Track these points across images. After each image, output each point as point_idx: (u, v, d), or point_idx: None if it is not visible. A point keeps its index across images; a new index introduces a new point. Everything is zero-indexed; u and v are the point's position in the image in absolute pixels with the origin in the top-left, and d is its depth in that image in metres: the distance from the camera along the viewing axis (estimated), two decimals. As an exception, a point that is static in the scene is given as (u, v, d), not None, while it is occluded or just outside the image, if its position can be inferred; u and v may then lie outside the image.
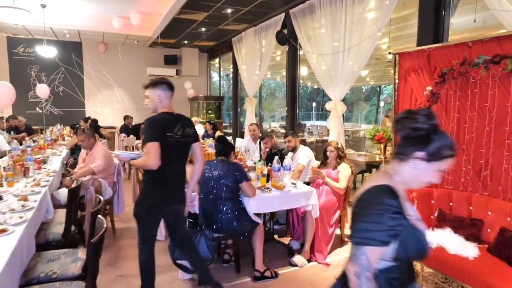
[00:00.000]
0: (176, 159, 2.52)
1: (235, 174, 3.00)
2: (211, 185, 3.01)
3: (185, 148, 2.57)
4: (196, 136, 2.64)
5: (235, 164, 3.09)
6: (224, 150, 3.15)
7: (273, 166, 3.45)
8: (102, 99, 10.65)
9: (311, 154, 4.22)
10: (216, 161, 3.12)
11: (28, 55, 9.66)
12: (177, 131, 2.47)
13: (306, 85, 18.22)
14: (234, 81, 9.39)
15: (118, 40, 9.93)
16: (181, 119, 2.59)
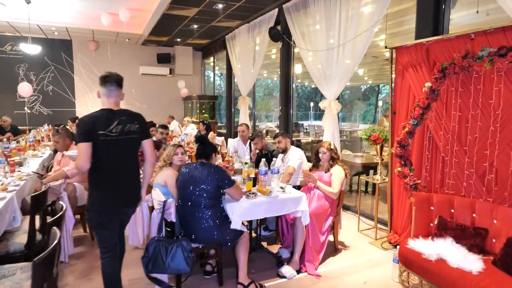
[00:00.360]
0: (117, 159, 2.32)
1: (217, 179, 2.74)
2: (190, 191, 2.75)
3: (128, 147, 2.36)
4: (144, 132, 2.44)
5: (217, 167, 2.83)
6: (204, 152, 2.89)
7: (260, 169, 3.19)
8: (93, 99, 10.35)
9: (302, 155, 3.96)
10: (195, 164, 2.86)
11: (16, 54, 9.39)
12: (113, 129, 2.28)
13: (304, 85, 17.99)
14: (228, 80, 9.13)
15: (109, 38, 9.67)
16: (123, 115, 2.39)
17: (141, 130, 2.41)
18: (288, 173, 3.78)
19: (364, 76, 12.04)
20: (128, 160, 2.41)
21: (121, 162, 2.35)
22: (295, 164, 3.80)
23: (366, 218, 4.62)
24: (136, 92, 10.80)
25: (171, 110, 10.93)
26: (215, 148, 2.99)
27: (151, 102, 10.97)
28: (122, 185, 2.38)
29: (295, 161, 3.83)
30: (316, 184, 3.43)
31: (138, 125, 2.41)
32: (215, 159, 3.05)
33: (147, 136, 2.46)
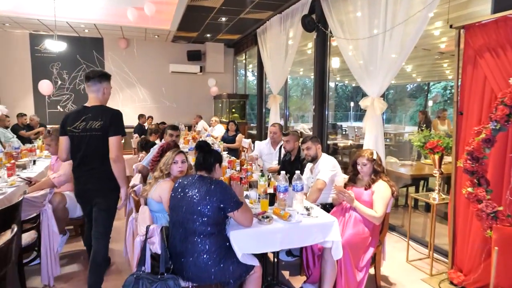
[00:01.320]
0: (80, 154, 2.50)
1: (218, 199, 2.07)
2: (182, 214, 2.11)
3: (89, 143, 2.46)
4: (109, 129, 2.42)
5: (219, 184, 2.16)
6: (205, 162, 2.23)
7: (278, 184, 2.49)
8: (123, 98, 10.20)
9: (336, 166, 3.18)
10: (193, 178, 2.21)
11: (49, 52, 9.39)
12: (78, 125, 2.46)
13: (344, 83, 16.90)
14: (259, 77, 8.48)
15: (138, 35, 9.41)
16: (91, 112, 2.48)
17: (103, 128, 2.42)
18: (316, 188, 3.03)
19: (412, 73, 10.81)
20: (90, 156, 2.49)
21: (83, 157, 2.50)
22: (326, 177, 3.04)
23: (417, 244, 3.73)
24: (166, 91, 10.49)
25: (201, 109, 10.50)
26: (219, 157, 2.33)
27: (181, 101, 10.61)
28: (81, 181, 2.57)
29: (326, 173, 3.07)
30: (353, 205, 2.66)
31: (102, 122, 2.43)
32: (221, 172, 2.39)
33: (114, 133, 2.44)
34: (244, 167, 3.52)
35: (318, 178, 3.05)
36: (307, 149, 3.26)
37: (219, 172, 2.32)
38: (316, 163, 3.25)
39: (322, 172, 3.09)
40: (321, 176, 3.06)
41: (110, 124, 2.43)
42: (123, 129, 2.53)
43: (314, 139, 3.26)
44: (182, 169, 2.70)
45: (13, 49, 9.07)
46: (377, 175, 2.77)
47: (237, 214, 2.11)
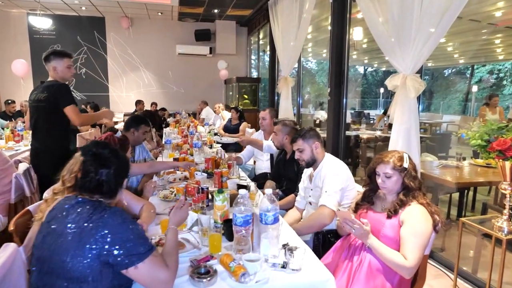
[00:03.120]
0: (32, 125, 2.82)
1: (106, 244, 1.11)
2: (47, 256, 1.17)
3: (38, 114, 2.75)
4: (53, 102, 2.65)
5: (114, 215, 1.18)
6: (98, 178, 1.27)
7: (234, 213, 1.47)
8: (127, 83, 9.46)
9: (346, 174, 2.11)
10: (68, 203, 1.25)
11: (49, 34, 8.77)
12: (31, 97, 2.80)
13: (372, 66, 15.39)
14: (271, 58, 7.39)
15: (140, 12, 8.54)
16: (41, 86, 2.77)
17: (46, 99, 2.67)
18: (318, 221, 1.98)
19: (454, 53, 9.27)
20: (36, 125, 2.79)
21: (33, 126, 2.82)
22: (333, 202, 1.97)
23: (468, 283, 2.62)
24: (173, 74, 9.63)
25: (211, 94, 9.56)
26: (125, 166, 1.35)
27: (189, 85, 9.72)
28: (35, 150, 2.86)
29: (333, 194, 1.99)
30: (367, 242, 1.61)
31: (45, 95, 2.68)
32: (116, 201, 1.42)
33: (63, 104, 2.67)
34: (217, 171, 2.52)
35: (323, 205, 1.98)
36: (299, 152, 2.20)
37: (116, 201, 1.36)
38: (317, 169, 2.20)
39: (327, 188, 2.02)
40: (326, 200, 1.98)
41: (53, 97, 2.66)
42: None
43: (309, 135, 2.19)
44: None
45: (11, 30, 8.49)
46: (410, 194, 1.69)
47: (141, 269, 1.14)
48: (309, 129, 2.26)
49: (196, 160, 3.26)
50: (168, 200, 2.27)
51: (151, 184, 2.35)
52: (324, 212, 1.97)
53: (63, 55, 2.79)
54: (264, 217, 1.46)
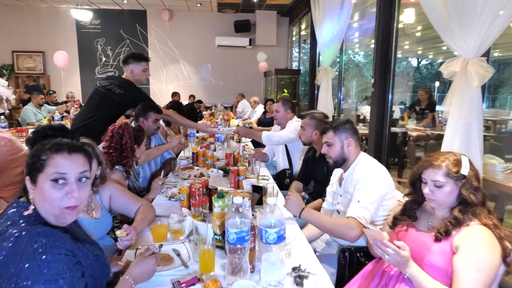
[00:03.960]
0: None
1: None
2: None
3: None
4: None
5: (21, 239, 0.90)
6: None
7: (227, 227, 1.15)
8: (167, 75, 9.50)
9: (385, 180, 1.69)
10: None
11: (94, 28, 9.03)
12: (100, 82, 2.86)
13: (427, 58, 14.11)
14: (312, 48, 6.92)
15: (180, 4, 8.46)
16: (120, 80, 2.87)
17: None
18: (340, 225, 1.60)
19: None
20: (93, 111, 2.79)
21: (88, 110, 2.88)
22: (365, 212, 1.57)
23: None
24: (212, 67, 9.49)
25: (250, 87, 9.29)
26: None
27: (228, 78, 9.53)
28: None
29: (367, 204, 1.59)
30: (406, 272, 1.21)
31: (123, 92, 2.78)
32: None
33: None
34: (233, 168, 2.22)
35: (352, 217, 1.59)
36: (327, 145, 1.82)
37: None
38: (348, 170, 1.80)
39: (360, 197, 1.62)
40: (357, 211, 1.58)
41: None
42: None
43: (342, 128, 1.80)
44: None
45: (61, 25, 8.85)
46: (469, 211, 1.26)
47: None
48: (344, 121, 1.86)
49: (218, 156, 3.00)
50: (175, 199, 2.01)
51: (159, 181, 2.11)
52: (350, 225, 1.58)
53: (140, 59, 2.87)
54: (265, 234, 1.13)
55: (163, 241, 1.49)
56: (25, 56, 8.79)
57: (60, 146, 1.02)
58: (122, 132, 1.96)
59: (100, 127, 2.63)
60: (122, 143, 1.94)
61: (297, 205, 1.67)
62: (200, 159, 2.78)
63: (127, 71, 2.85)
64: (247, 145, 3.82)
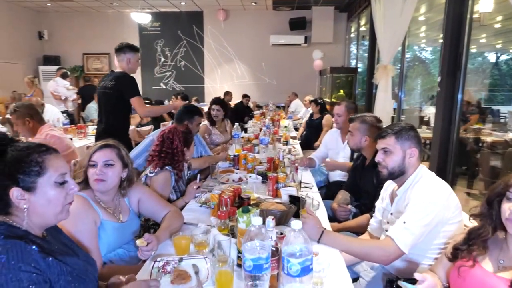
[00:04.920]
0: (98, 109, 3.04)
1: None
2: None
3: (104, 100, 2.91)
4: (119, 89, 2.79)
5: None
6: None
7: (243, 252, 0.98)
8: (221, 74, 9.61)
9: (440, 201, 1.39)
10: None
11: (154, 30, 9.46)
12: (100, 84, 3.02)
13: (508, 52, 12.52)
14: (371, 45, 6.46)
15: (236, 4, 8.48)
16: (113, 75, 2.93)
17: (114, 88, 2.82)
18: (375, 247, 1.37)
19: None
20: (101, 109, 2.98)
21: (100, 110, 3.02)
22: (408, 239, 1.31)
23: None
24: (266, 66, 9.40)
25: (304, 86, 9.01)
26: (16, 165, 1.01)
27: (282, 77, 9.36)
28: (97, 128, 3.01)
29: (414, 227, 1.31)
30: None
31: (114, 83, 2.83)
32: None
33: (129, 95, 2.82)
34: (272, 175, 2.05)
35: (391, 237, 1.33)
36: (384, 152, 1.55)
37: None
38: (403, 186, 1.53)
39: (407, 218, 1.34)
40: (399, 233, 1.32)
41: (120, 86, 2.82)
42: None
43: (406, 135, 1.50)
44: (103, 178, 1.47)
45: (125, 28, 9.41)
46: None
47: None
48: (408, 127, 1.56)
49: (262, 159, 2.85)
50: (207, 206, 1.90)
51: (194, 185, 2.02)
52: (388, 248, 1.33)
53: (136, 50, 2.98)
54: (287, 264, 0.94)
55: (185, 254, 1.38)
56: (93, 58, 9.53)
57: (47, 146, 1.01)
58: (172, 137, 1.97)
59: (120, 125, 2.91)
60: (173, 147, 1.95)
61: (314, 228, 1.45)
62: (241, 162, 2.65)
63: (122, 60, 2.90)
64: (294, 147, 3.61)
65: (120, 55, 2.95)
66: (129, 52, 2.94)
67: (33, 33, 9.23)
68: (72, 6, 8.71)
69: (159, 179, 1.90)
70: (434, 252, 1.39)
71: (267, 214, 1.61)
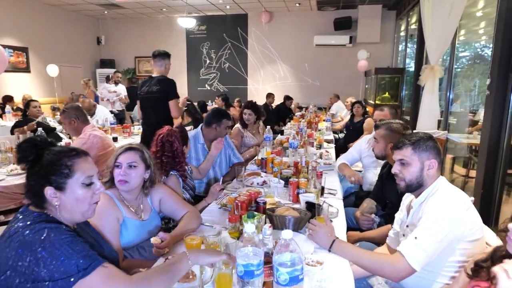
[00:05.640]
0: (143, 112, 3.43)
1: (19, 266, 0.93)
2: None
3: (150, 103, 3.30)
4: (165, 92, 3.20)
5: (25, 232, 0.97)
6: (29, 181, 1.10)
7: (236, 258, 1.01)
8: (264, 76, 9.68)
9: (456, 217, 1.29)
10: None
11: (201, 33, 9.79)
12: (143, 89, 3.33)
13: None
14: (419, 45, 6.12)
15: (279, 6, 8.49)
16: (156, 79, 3.28)
17: (160, 91, 3.21)
18: (384, 262, 1.30)
19: None
20: (147, 112, 3.37)
21: (146, 115, 3.40)
22: (420, 256, 1.25)
23: None
24: (309, 67, 9.30)
25: (348, 88, 8.80)
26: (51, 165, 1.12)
27: (325, 78, 9.20)
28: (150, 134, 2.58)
29: (426, 243, 1.24)
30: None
31: (159, 87, 3.22)
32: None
33: (171, 97, 3.22)
34: (293, 180, 2.05)
35: (401, 253, 1.27)
36: (401, 164, 1.48)
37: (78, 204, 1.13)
38: (419, 197, 1.46)
39: (418, 233, 1.27)
40: (410, 249, 1.26)
41: (164, 90, 3.21)
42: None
43: (424, 145, 1.43)
44: (126, 179, 1.58)
45: (174, 32, 9.85)
46: None
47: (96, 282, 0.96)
48: (426, 137, 1.48)
49: (290, 163, 2.84)
50: (225, 209, 1.95)
51: (217, 186, 2.08)
52: (398, 264, 1.27)
53: (170, 56, 3.40)
54: (276, 272, 0.96)
55: (195, 254, 1.44)
56: (144, 61, 10.11)
57: (77, 150, 1.14)
58: (171, 139, 1.99)
59: (165, 125, 3.07)
60: (173, 149, 1.98)
61: (325, 237, 1.43)
62: (268, 166, 2.68)
63: (162, 65, 3.29)
64: (327, 151, 3.55)
65: (159, 61, 3.30)
66: (167, 58, 3.34)
67: (92, 38, 10.04)
68: (126, 13, 9.33)
69: (170, 185, 1.94)
70: (451, 270, 1.30)
71: (280, 220, 1.62)
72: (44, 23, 8.30)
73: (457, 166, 5.04)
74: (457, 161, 5.12)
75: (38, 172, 1.06)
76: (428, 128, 4.70)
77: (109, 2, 8.05)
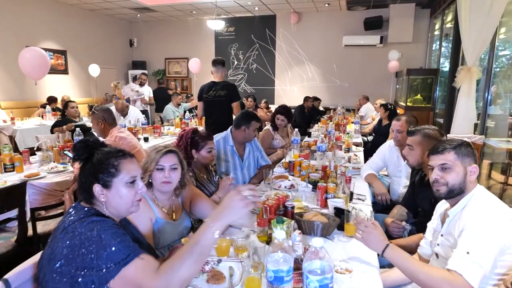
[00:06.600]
0: (210, 113, 3.85)
1: (80, 256, 1.01)
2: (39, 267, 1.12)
3: (217, 106, 3.78)
4: (231, 96, 3.74)
5: (92, 223, 1.04)
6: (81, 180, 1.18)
7: (265, 262, 1.02)
8: (292, 77, 9.65)
9: (503, 226, 1.24)
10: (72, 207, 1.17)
11: (229, 34, 9.90)
12: (211, 93, 3.78)
13: None
14: (454, 45, 5.88)
15: (308, 6, 8.43)
16: (219, 85, 3.79)
17: (228, 95, 3.74)
18: (437, 279, 1.20)
19: None
20: (213, 115, 3.82)
21: (213, 116, 3.82)
22: (477, 273, 1.18)
23: None
24: (338, 67, 9.17)
25: (378, 89, 8.61)
26: (99, 167, 1.18)
27: (354, 79, 9.04)
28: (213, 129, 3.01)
29: (481, 258, 1.19)
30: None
31: (226, 92, 3.74)
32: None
33: (235, 99, 3.78)
34: (321, 185, 2.03)
35: (456, 272, 1.19)
36: (442, 170, 1.43)
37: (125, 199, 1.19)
38: (455, 206, 1.41)
39: (470, 248, 1.21)
40: (465, 266, 1.19)
41: (230, 93, 3.75)
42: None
43: (466, 151, 1.39)
44: (170, 180, 1.64)
45: (202, 34, 10.02)
46: None
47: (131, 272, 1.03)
48: (466, 143, 1.44)
49: (318, 166, 2.82)
50: (253, 212, 1.96)
51: (227, 180, 2.10)
52: (457, 284, 1.18)
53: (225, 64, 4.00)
54: (306, 279, 0.96)
55: (225, 256, 1.47)
56: (174, 62, 10.36)
57: (124, 152, 1.22)
58: (179, 142, 2.15)
59: (227, 122, 3.49)
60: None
61: (379, 240, 1.38)
62: (296, 169, 2.67)
63: (222, 72, 3.83)
64: (355, 155, 3.49)
65: (220, 68, 3.85)
66: (224, 66, 3.93)
67: (125, 41, 10.41)
68: (157, 16, 9.60)
69: None
70: (490, 283, 1.25)
71: (308, 225, 1.62)
72: (81, 27, 8.71)
73: (495, 172, 4.80)
74: (494, 167, 4.88)
75: (88, 170, 1.16)
76: (463, 132, 4.51)
77: (142, 6, 8.32)
